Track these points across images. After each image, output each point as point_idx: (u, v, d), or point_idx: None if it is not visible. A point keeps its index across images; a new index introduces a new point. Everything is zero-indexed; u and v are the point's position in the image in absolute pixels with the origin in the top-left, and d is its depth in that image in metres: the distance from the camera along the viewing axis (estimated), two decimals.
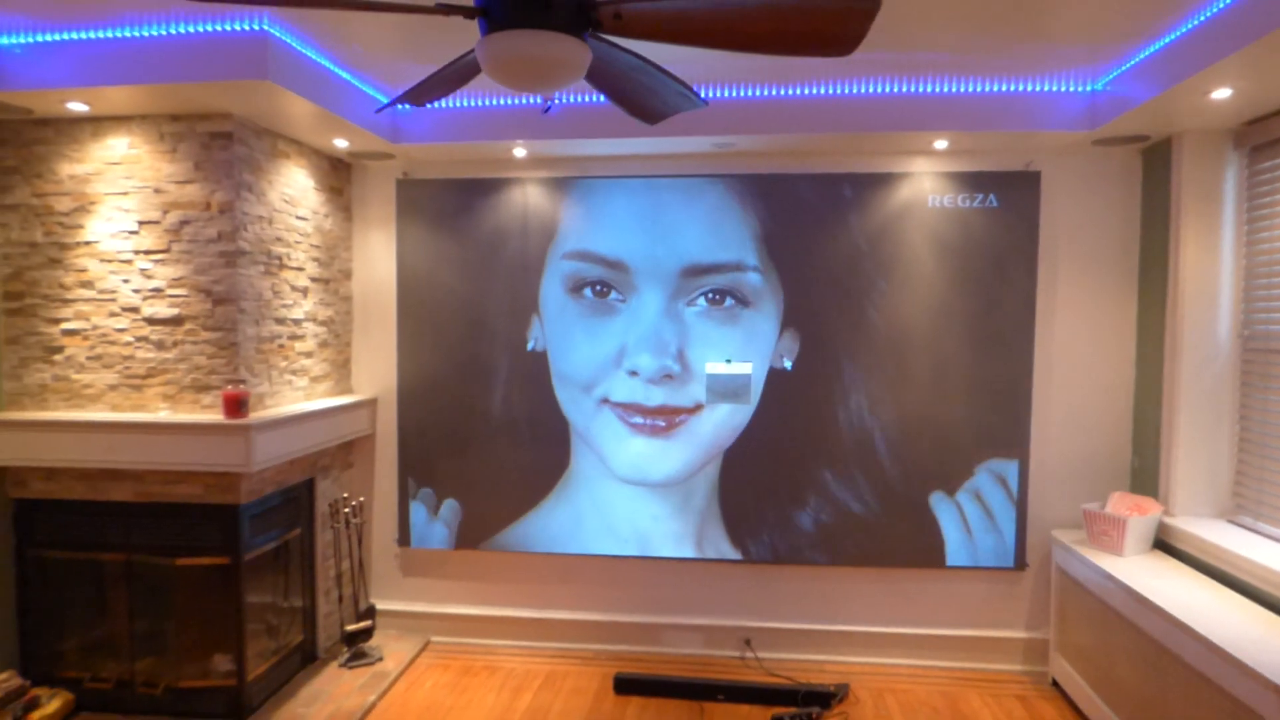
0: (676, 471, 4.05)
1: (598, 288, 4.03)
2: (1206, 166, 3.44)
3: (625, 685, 3.76)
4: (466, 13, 1.88)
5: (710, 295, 3.97)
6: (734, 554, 4.05)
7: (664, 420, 4.03)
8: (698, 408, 4.02)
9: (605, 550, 4.12)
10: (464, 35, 2.99)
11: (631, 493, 4.09)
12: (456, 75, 2.25)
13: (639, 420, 4.04)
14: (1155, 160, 3.69)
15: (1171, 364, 3.53)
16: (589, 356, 4.06)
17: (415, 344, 4.19)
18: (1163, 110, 3.15)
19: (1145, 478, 3.75)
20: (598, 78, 2.26)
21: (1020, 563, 3.91)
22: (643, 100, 2.44)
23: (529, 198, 4.07)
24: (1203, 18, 2.71)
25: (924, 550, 3.93)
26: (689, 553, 4.08)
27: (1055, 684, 3.79)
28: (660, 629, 4.17)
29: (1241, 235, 3.44)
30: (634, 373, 4.02)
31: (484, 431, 4.16)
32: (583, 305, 4.05)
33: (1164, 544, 3.50)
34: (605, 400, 4.05)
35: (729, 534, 4.05)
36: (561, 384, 4.08)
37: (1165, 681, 2.85)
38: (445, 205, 4.13)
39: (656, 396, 4.03)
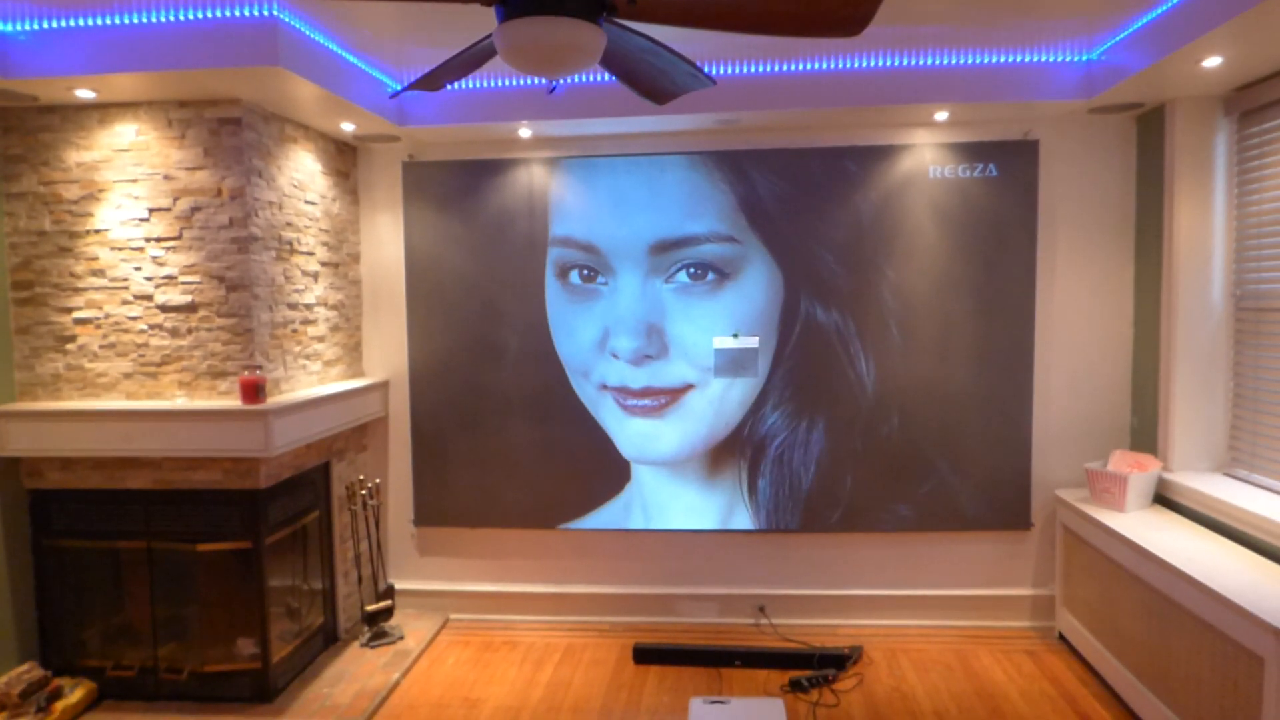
0: (676, 450, 4.10)
1: (584, 272, 4.07)
2: (1198, 132, 3.54)
3: (644, 655, 3.84)
4: (484, 0, 1.91)
5: (692, 270, 4.01)
6: (752, 525, 4.12)
7: (653, 400, 4.08)
8: (686, 388, 4.07)
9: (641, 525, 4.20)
10: (468, 18, 3.01)
11: (654, 469, 4.14)
12: (472, 60, 2.28)
13: (631, 402, 4.09)
14: (1149, 127, 3.79)
15: (1167, 324, 3.65)
16: (581, 342, 4.11)
17: (425, 326, 4.21)
18: (1156, 78, 3.24)
19: (1144, 436, 3.87)
20: (610, 60, 2.30)
21: (1025, 522, 4.03)
22: (653, 81, 2.48)
23: (534, 178, 4.10)
24: None
25: (932, 514, 4.03)
26: (713, 524, 4.14)
27: (1062, 637, 3.92)
28: (675, 599, 4.25)
29: (1232, 198, 3.55)
30: (615, 355, 4.07)
31: (496, 413, 4.20)
32: (571, 291, 4.09)
33: (1164, 499, 3.62)
34: (603, 385, 4.11)
35: (749, 505, 4.12)
36: (569, 372, 4.13)
37: (1168, 630, 2.96)
38: (451, 187, 4.15)
39: (641, 378, 4.08)
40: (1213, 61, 3.02)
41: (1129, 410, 4.01)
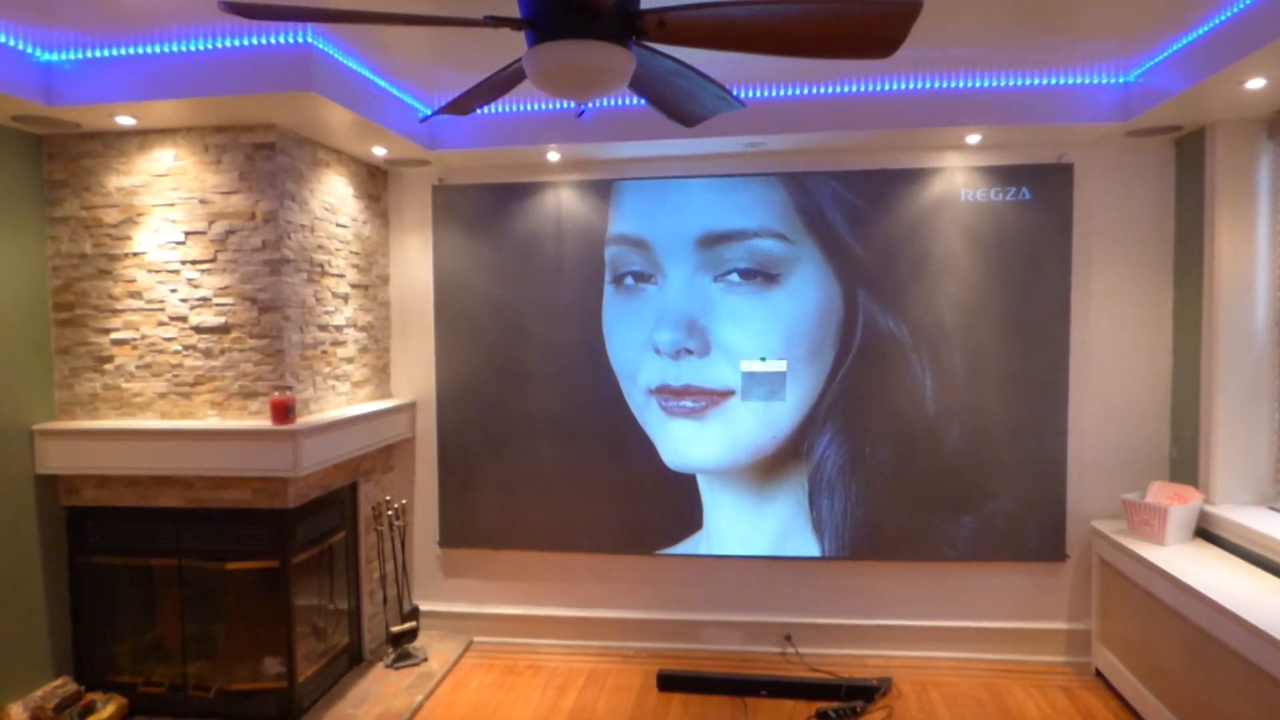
0: (718, 458, 4.04)
1: (638, 273, 4.07)
2: (1240, 155, 3.45)
3: (668, 682, 3.79)
4: (514, 24, 1.92)
5: (743, 270, 3.98)
6: (816, 550, 4.04)
7: (693, 402, 4.04)
8: (728, 393, 4.02)
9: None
10: (497, 41, 3.04)
11: (710, 486, 4.11)
12: (502, 84, 2.30)
13: (671, 403, 4.06)
14: (1188, 150, 3.70)
15: (1209, 353, 3.54)
16: (629, 343, 4.09)
17: (453, 348, 4.24)
18: (1197, 101, 3.16)
19: (1184, 467, 3.76)
20: (639, 83, 2.30)
21: (1061, 554, 3.92)
22: (682, 104, 2.47)
23: (563, 200, 4.12)
24: (1237, 8, 2.72)
25: (963, 543, 3.95)
26: (767, 550, 4.08)
27: (1099, 674, 3.80)
28: (700, 626, 4.20)
29: (1277, 223, 3.44)
30: (657, 349, 4.05)
31: (524, 435, 4.20)
32: (625, 295, 4.08)
33: (1205, 532, 3.51)
34: (648, 390, 4.09)
35: (814, 530, 4.04)
36: (620, 378, 4.11)
37: (1211, 669, 2.86)
38: (480, 210, 4.18)
39: (683, 375, 4.04)
40: (1256, 83, 2.94)
41: (1168, 440, 3.89)
